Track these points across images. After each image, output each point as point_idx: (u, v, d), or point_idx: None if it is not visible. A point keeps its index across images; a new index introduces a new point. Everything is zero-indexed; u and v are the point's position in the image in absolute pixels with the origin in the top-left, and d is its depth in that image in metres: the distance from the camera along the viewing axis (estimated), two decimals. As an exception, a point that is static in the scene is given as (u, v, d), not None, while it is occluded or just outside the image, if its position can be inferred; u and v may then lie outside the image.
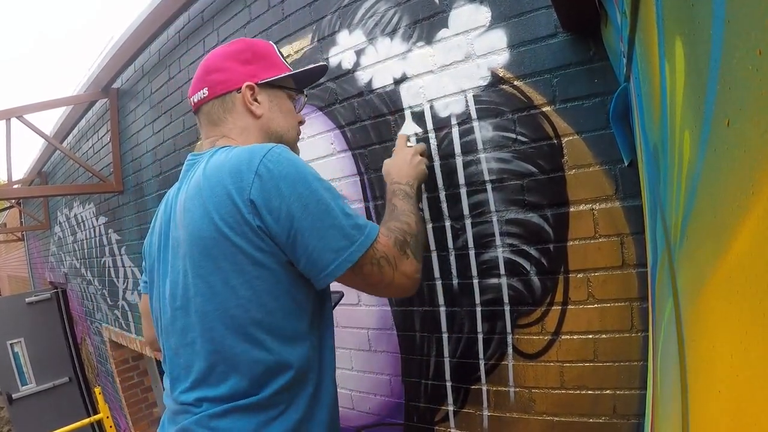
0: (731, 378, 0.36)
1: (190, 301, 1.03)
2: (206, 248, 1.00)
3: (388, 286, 1.10)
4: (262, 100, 1.25)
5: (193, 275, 1.02)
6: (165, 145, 3.09)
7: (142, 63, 3.27)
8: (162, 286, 1.15)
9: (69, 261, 5.96)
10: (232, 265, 0.99)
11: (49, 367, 6.81)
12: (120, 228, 4.00)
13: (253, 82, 1.23)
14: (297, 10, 2.02)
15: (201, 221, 1.01)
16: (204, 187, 1.03)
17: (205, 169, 1.07)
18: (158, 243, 1.19)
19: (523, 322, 1.53)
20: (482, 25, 1.48)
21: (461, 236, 1.62)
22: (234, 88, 1.23)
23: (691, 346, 0.51)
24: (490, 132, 1.51)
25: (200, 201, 1.02)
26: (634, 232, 1.31)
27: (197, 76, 1.28)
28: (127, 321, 4.20)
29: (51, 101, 3.72)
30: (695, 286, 0.48)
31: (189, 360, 1.05)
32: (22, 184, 6.52)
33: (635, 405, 1.35)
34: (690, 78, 0.45)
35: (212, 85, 1.23)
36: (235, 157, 1.03)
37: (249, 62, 1.26)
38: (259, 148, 1.03)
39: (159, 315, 1.17)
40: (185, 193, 1.09)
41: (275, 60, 1.30)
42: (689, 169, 0.48)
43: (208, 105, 1.24)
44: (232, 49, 1.28)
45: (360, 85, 1.83)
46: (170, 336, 1.10)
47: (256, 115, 1.24)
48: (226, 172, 1.01)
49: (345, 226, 1.02)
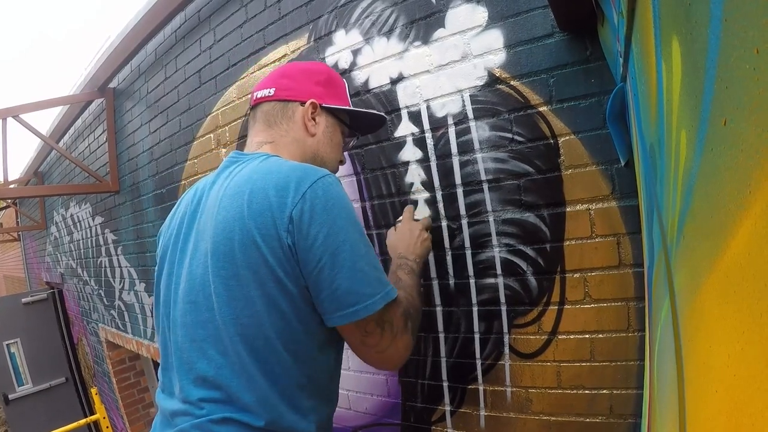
0: (728, 378, 0.36)
1: (207, 299, 1.01)
2: (232, 251, 0.98)
3: (379, 352, 1.08)
4: (320, 121, 1.27)
5: (214, 274, 1.00)
6: (161, 145, 3.08)
7: (138, 63, 3.27)
8: (176, 275, 1.11)
9: (65, 261, 5.95)
10: (254, 275, 0.97)
11: (45, 368, 6.79)
12: (116, 228, 3.99)
13: (318, 101, 1.25)
14: (293, 10, 2.02)
15: (234, 223, 0.99)
16: (246, 191, 1.01)
17: (251, 173, 1.06)
18: (178, 230, 1.16)
19: (519, 322, 1.53)
20: (479, 25, 1.48)
21: (458, 236, 1.62)
22: (299, 99, 1.25)
23: (688, 346, 0.51)
24: (487, 132, 1.51)
25: (238, 203, 1.00)
26: (631, 232, 1.31)
27: (269, 76, 1.31)
28: (124, 321, 4.19)
29: (47, 101, 3.71)
30: (692, 285, 0.48)
31: (194, 357, 1.02)
32: (18, 184, 6.51)
33: (632, 405, 1.36)
34: (687, 77, 0.45)
35: (280, 88, 1.25)
36: (286, 171, 1.02)
37: (321, 84, 1.29)
38: (312, 171, 1.03)
39: (167, 303, 1.13)
40: (223, 189, 1.07)
41: (343, 93, 1.35)
42: (686, 169, 0.48)
43: (269, 104, 1.26)
44: (310, 67, 1.32)
45: (357, 85, 1.82)
46: (177, 328, 1.07)
47: (310, 133, 1.25)
48: (272, 184, 1.00)
49: (373, 276, 1.02)
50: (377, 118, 1.45)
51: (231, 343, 0.98)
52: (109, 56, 3.29)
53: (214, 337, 1.00)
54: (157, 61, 3.05)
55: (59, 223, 5.90)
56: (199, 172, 2.71)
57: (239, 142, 2.37)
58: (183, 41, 2.76)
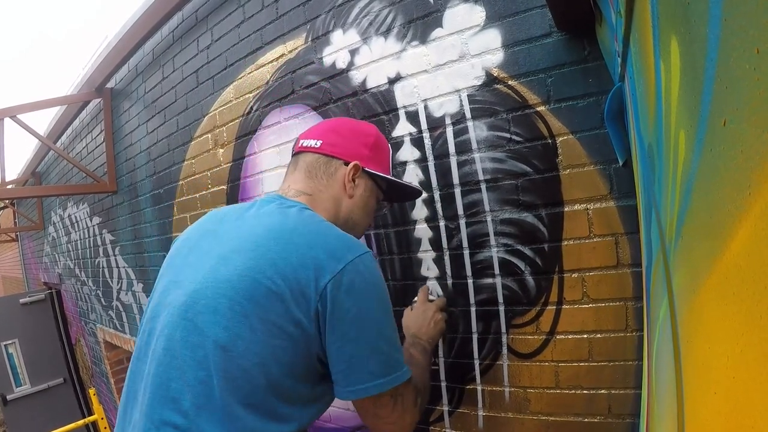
0: (727, 380, 0.36)
1: (205, 324, 0.98)
2: (254, 290, 0.97)
3: (388, 423, 1.10)
4: (359, 184, 1.28)
5: (229, 306, 0.97)
6: (159, 145, 3.07)
7: (135, 63, 3.26)
8: (179, 286, 1.08)
9: (63, 261, 5.94)
10: (266, 322, 0.96)
11: (43, 369, 6.77)
12: (114, 228, 3.99)
13: (361, 164, 1.26)
14: (291, 10, 2.02)
15: (266, 267, 0.98)
16: (286, 239, 1.03)
17: (296, 224, 1.08)
18: (193, 246, 1.16)
19: (517, 322, 1.53)
20: (477, 25, 1.48)
21: (456, 236, 1.62)
22: (343, 158, 1.26)
23: (687, 347, 0.51)
24: (485, 132, 1.51)
25: (276, 247, 1.01)
26: (629, 232, 1.31)
27: (319, 126, 1.33)
28: (122, 321, 4.18)
29: (44, 101, 3.70)
30: (691, 286, 0.48)
31: (170, 376, 0.98)
32: (15, 184, 6.49)
33: (630, 405, 1.36)
34: (686, 77, 0.45)
35: (327, 143, 1.27)
36: (332, 239, 1.05)
37: (367, 147, 1.30)
38: (356, 246, 1.05)
39: (156, 309, 1.10)
40: (260, 225, 1.09)
41: (386, 160, 1.36)
42: (684, 169, 0.48)
43: (313, 156, 1.27)
44: (360, 128, 1.34)
45: (354, 85, 1.82)
46: (161, 340, 1.02)
47: (348, 194, 1.26)
48: (317, 246, 1.02)
49: (393, 358, 1.06)
50: (413, 191, 1.47)
51: (214, 370, 0.95)
52: (107, 56, 3.28)
53: (200, 365, 0.96)
54: (154, 61, 3.04)
55: (57, 223, 5.89)
56: (196, 172, 2.70)
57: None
58: (180, 41, 2.75)
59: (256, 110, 2.24)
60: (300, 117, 2.03)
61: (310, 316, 0.97)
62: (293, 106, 2.06)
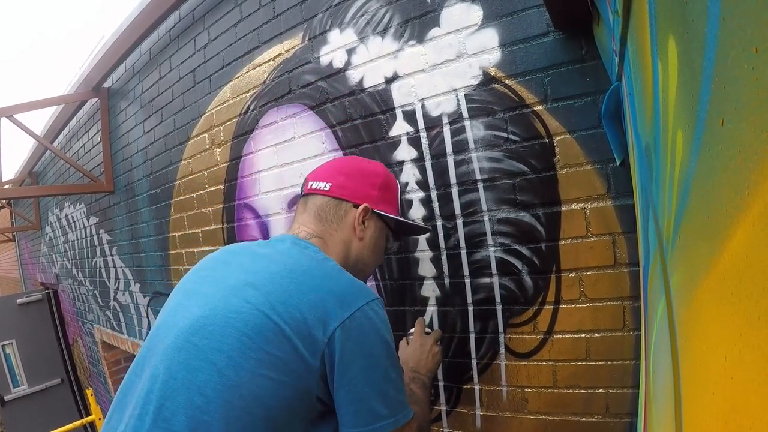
0: (725, 380, 0.36)
1: (213, 351, 0.97)
2: (264, 326, 0.97)
3: None
4: (369, 225, 1.30)
5: (237, 337, 0.97)
6: (156, 145, 3.07)
7: (132, 62, 3.25)
8: (187, 309, 1.06)
9: (60, 262, 5.93)
10: (271, 356, 0.96)
11: (41, 369, 6.76)
12: (111, 228, 3.98)
13: (371, 206, 1.29)
14: (288, 9, 2.02)
15: (278, 305, 1.00)
16: (300, 281, 1.05)
17: (311, 267, 1.10)
18: (206, 275, 1.16)
19: (515, 322, 1.53)
20: (474, 24, 1.48)
21: (453, 236, 1.61)
22: (353, 201, 1.28)
23: (684, 348, 0.51)
24: (482, 131, 1.51)
25: (289, 287, 1.03)
26: (626, 231, 1.31)
27: (327, 168, 1.35)
28: (119, 322, 4.18)
29: (41, 101, 3.68)
30: (688, 286, 0.48)
31: (166, 396, 0.95)
32: (12, 184, 6.47)
33: (628, 404, 1.36)
34: (683, 77, 0.44)
35: (337, 185, 1.29)
36: (344, 285, 1.08)
37: (376, 187, 1.32)
38: (366, 292, 1.08)
39: (162, 328, 1.08)
40: (276, 262, 1.10)
41: (395, 199, 1.39)
42: (682, 169, 0.47)
43: (323, 199, 1.29)
44: (368, 168, 1.36)
45: (351, 84, 1.82)
46: (163, 360, 1.00)
47: (358, 236, 1.28)
48: (331, 290, 1.04)
49: (397, 400, 1.07)
50: (420, 228, 1.54)
51: (213, 397, 0.93)
52: (104, 56, 3.27)
53: (199, 391, 0.94)
54: (151, 61, 3.03)
55: (54, 223, 5.88)
56: (193, 172, 2.70)
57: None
58: (177, 40, 2.75)
59: (253, 110, 2.24)
60: (297, 116, 2.03)
61: (317, 357, 0.98)
62: (290, 105, 2.06)
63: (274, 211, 2.17)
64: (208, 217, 2.62)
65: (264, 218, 2.24)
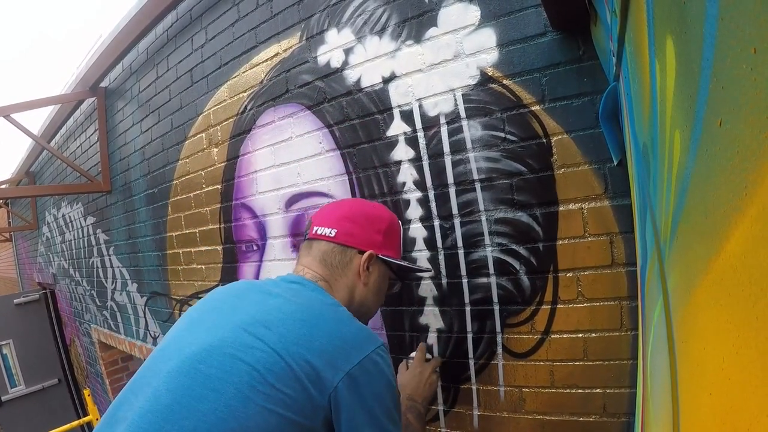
0: (722, 381, 0.36)
1: (221, 381, 0.96)
2: (275, 364, 0.98)
3: None
4: (373, 271, 1.34)
5: (247, 371, 0.97)
6: (153, 145, 3.06)
7: (130, 62, 3.25)
8: (196, 336, 1.06)
9: (57, 261, 5.91)
10: (280, 392, 0.96)
11: (38, 369, 6.76)
12: (108, 228, 3.97)
13: (376, 252, 1.32)
14: (285, 9, 2.01)
15: (291, 345, 1.01)
16: (312, 324, 1.07)
17: (321, 311, 1.12)
18: (216, 306, 1.17)
19: (512, 322, 1.53)
20: (471, 24, 1.48)
21: (450, 235, 1.61)
22: (358, 248, 1.32)
23: (682, 348, 0.51)
24: (479, 131, 1.51)
25: (302, 330, 1.04)
26: (624, 231, 1.31)
27: (332, 212, 1.38)
28: (116, 322, 4.17)
29: (38, 100, 3.67)
30: (686, 287, 0.48)
31: (167, 419, 0.93)
32: (9, 183, 6.46)
33: (625, 404, 1.36)
34: (681, 77, 0.44)
35: (342, 232, 1.32)
36: (353, 331, 1.10)
37: (381, 233, 1.36)
38: (373, 338, 1.11)
39: (167, 350, 1.08)
40: (289, 303, 1.12)
41: (398, 243, 1.44)
42: (679, 169, 0.47)
43: (328, 245, 1.31)
44: (373, 213, 1.39)
45: (348, 84, 1.82)
46: (166, 383, 0.98)
47: (362, 281, 1.31)
48: (340, 336, 1.06)
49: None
50: (422, 270, 1.60)
51: (216, 426, 0.92)
52: (101, 55, 3.27)
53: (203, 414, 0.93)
54: (148, 60, 3.03)
55: (51, 223, 5.86)
56: (190, 172, 2.69)
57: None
58: (174, 40, 2.74)
59: (250, 109, 2.23)
60: (294, 116, 2.02)
61: (325, 397, 1.00)
62: (287, 105, 2.05)
63: (272, 210, 2.17)
64: (205, 216, 2.62)
65: (261, 218, 2.24)
